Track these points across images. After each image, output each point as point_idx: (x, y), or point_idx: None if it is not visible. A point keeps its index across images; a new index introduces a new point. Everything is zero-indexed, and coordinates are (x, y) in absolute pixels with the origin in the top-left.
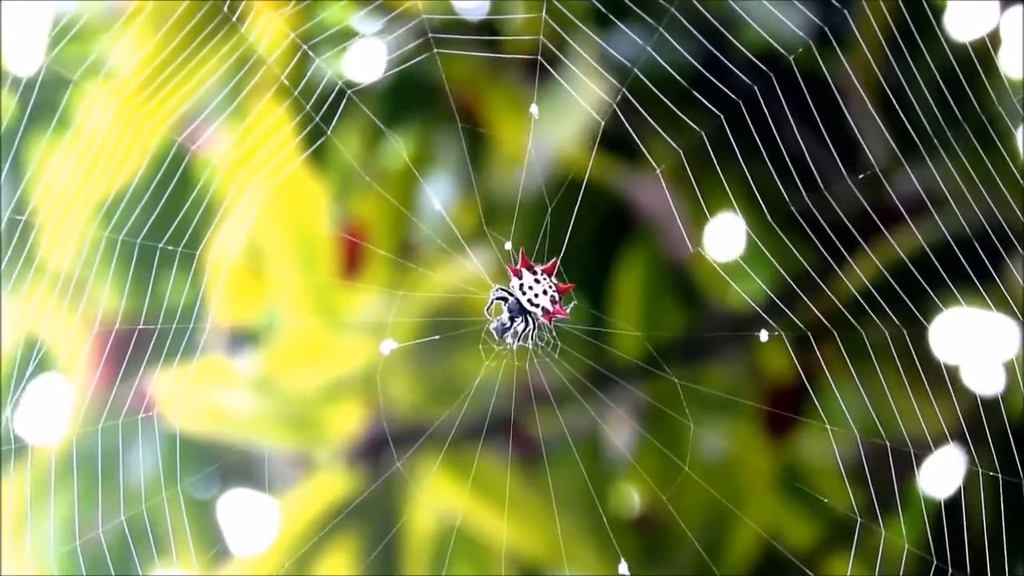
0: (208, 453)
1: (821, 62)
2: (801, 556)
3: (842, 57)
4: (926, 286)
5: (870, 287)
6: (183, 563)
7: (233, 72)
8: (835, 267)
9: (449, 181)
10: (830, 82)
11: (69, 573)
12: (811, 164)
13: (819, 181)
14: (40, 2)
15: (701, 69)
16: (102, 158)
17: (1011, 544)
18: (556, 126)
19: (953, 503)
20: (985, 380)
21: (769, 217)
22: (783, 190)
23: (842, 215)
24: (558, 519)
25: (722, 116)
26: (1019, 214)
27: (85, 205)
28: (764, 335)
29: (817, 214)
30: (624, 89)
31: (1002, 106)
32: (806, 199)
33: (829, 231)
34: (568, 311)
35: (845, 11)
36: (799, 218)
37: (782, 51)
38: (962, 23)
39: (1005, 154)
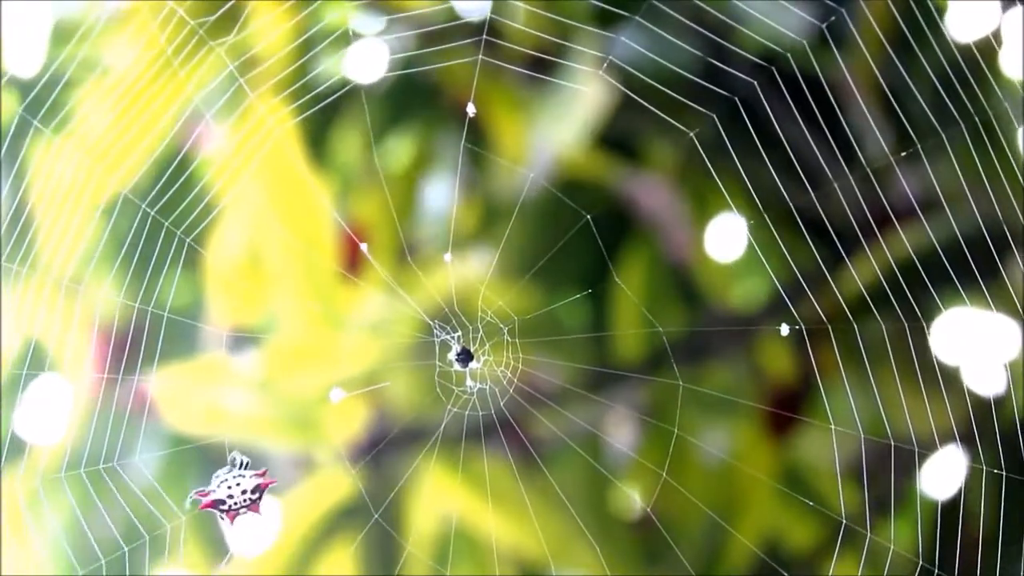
0: (208, 453)
1: (821, 61)
2: (803, 557)
3: (843, 56)
4: (926, 286)
5: (870, 287)
6: (183, 563)
7: (234, 69)
8: (834, 267)
9: (449, 182)
10: (842, 80)
11: (68, 573)
12: (811, 163)
13: (821, 179)
14: (40, 2)
15: (712, 61)
16: (98, 155)
17: (1007, 546)
18: (556, 127)
19: (952, 505)
20: (986, 381)
21: (768, 216)
22: (783, 189)
23: (844, 214)
24: (558, 519)
25: (720, 114)
26: (1020, 214)
27: (79, 202)
28: (785, 329)
29: (821, 213)
30: (634, 77)
31: (1003, 107)
32: (809, 198)
33: (830, 231)
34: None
35: (845, 11)
36: (799, 218)
37: (782, 50)
38: (963, 23)
39: (1006, 154)
